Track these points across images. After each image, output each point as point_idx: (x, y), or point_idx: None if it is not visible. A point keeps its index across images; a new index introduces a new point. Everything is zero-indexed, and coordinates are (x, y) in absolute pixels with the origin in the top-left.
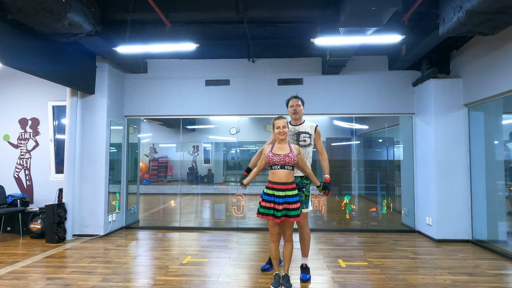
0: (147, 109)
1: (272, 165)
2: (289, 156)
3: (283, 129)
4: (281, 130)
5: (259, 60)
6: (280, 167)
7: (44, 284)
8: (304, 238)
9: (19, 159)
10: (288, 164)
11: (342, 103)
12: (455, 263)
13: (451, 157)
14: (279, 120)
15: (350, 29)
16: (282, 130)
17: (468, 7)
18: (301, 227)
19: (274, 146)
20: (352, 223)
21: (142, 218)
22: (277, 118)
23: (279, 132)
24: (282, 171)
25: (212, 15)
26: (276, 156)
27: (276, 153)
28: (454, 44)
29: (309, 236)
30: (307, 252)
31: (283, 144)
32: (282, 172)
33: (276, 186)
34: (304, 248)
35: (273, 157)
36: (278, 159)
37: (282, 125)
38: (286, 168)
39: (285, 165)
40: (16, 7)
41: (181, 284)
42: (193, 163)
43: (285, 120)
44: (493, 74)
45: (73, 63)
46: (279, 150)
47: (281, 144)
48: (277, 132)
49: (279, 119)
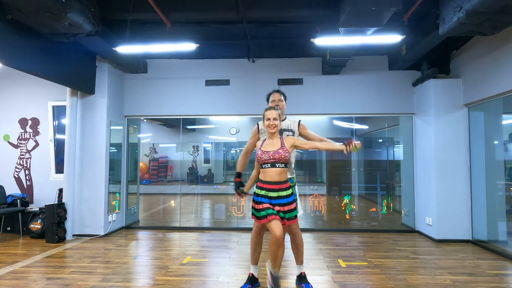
0: (147, 109)
1: (262, 163)
2: (278, 152)
3: (274, 122)
4: (271, 122)
5: (259, 60)
6: (270, 165)
7: (44, 284)
8: (298, 244)
9: (19, 159)
10: (279, 162)
11: (342, 103)
12: (455, 263)
13: (451, 157)
14: (270, 111)
15: (350, 29)
16: (272, 123)
17: (468, 7)
18: (294, 234)
19: (264, 142)
20: (352, 223)
21: (142, 218)
22: (268, 109)
23: (269, 125)
24: (273, 169)
25: (212, 15)
26: (265, 154)
27: (265, 150)
28: (454, 44)
29: (302, 241)
30: (302, 258)
31: (274, 138)
32: (273, 171)
33: (268, 186)
34: (299, 256)
35: (262, 155)
36: (267, 156)
37: (273, 116)
38: (277, 166)
39: (276, 163)
40: (16, 7)
41: (181, 284)
42: (193, 163)
43: (278, 111)
44: (493, 74)
45: (73, 63)
46: (269, 146)
47: (272, 139)
48: (267, 124)
49: (270, 110)
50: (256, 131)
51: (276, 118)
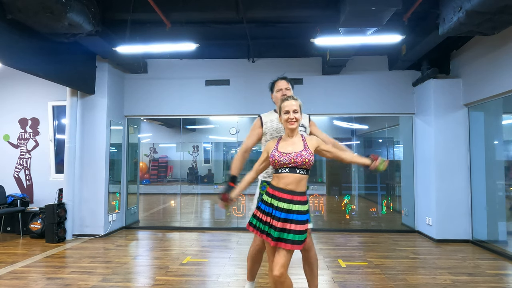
0: (147, 109)
1: (279, 167)
2: (302, 155)
3: (295, 115)
4: (291, 115)
5: (259, 60)
6: (289, 170)
7: (44, 284)
8: (312, 263)
9: (19, 159)
10: (301, 167)
11: (342, 103)
12: (455, 263)
13: (451, 157)
14: (290, 102)
15: (350, 29)
16: (293, 116)
17: (468, 7)
18: (307, 249)
19: (281, 141)
20: (352, 223)
21: (142, 218)
22: (286, 99)
23: (289, 119)
24: (292, 176)
25: (212, 15)
26: (284, 156)
27: (284, 152)
28: (454, 44)
29: (317, 259)
30: (317, 283)
31: (294, 137)
32: (292, 177)
33: (279, 194)
34: (313, 279)
35: (280, 157)
36: (287, 159)
37: (293, 108)
38: (298, 172)
39: (297, 168)
40: (16, 7)
41: (181, 284)
42: (193, 163)
43: (299, 102)
44: (493, 74)
45: (73, 63)
46: (288, 147)
47: (291, 138)
48: (286, 118)
49: (289, 100)
50: (259, 124)
51: (297, 111)
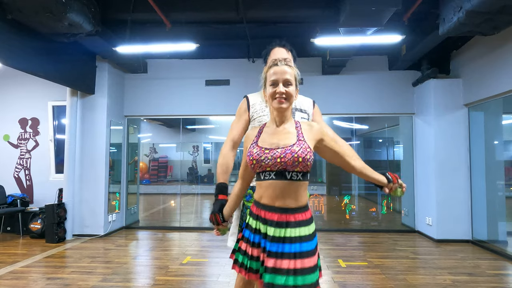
0: (147, 109)
1: (260, 170)
2: (293, 150)
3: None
4: (279, 88)
5: (259, 60)
6: (275, 175)
7: (44, 284)
8: None
9: (19, 159)
10: (292, 168)
11: (342, 103)
12: (455, 263)
13: (451, 157)
14: (278, 68)
15: (350, 29)
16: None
17: (468, 7)
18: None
19: (264, 130)
20: (352, 223)
21: (142, 218)
22: (273, 65)
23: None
24: (280, 183)
25: (212, 15)
26: (266, 154)
27: (265, 147)
28: (454, 44)
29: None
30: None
31: (284, 123)
32: (280, 187)
33: (265, 214)
34: None
35: (260, 155)
36: (271, 158)
37: (284, 77)
38: (289, 178)
39: (286, 171)
40: (16, 7)
41: (181, 284)
42: (193, 163)
43: (293, 70)
44: (493, 74)
45: (73, 63)
46: (274, 138)
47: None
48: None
49: (277, 67)
50: (245, 107)
51: (290, 82)
